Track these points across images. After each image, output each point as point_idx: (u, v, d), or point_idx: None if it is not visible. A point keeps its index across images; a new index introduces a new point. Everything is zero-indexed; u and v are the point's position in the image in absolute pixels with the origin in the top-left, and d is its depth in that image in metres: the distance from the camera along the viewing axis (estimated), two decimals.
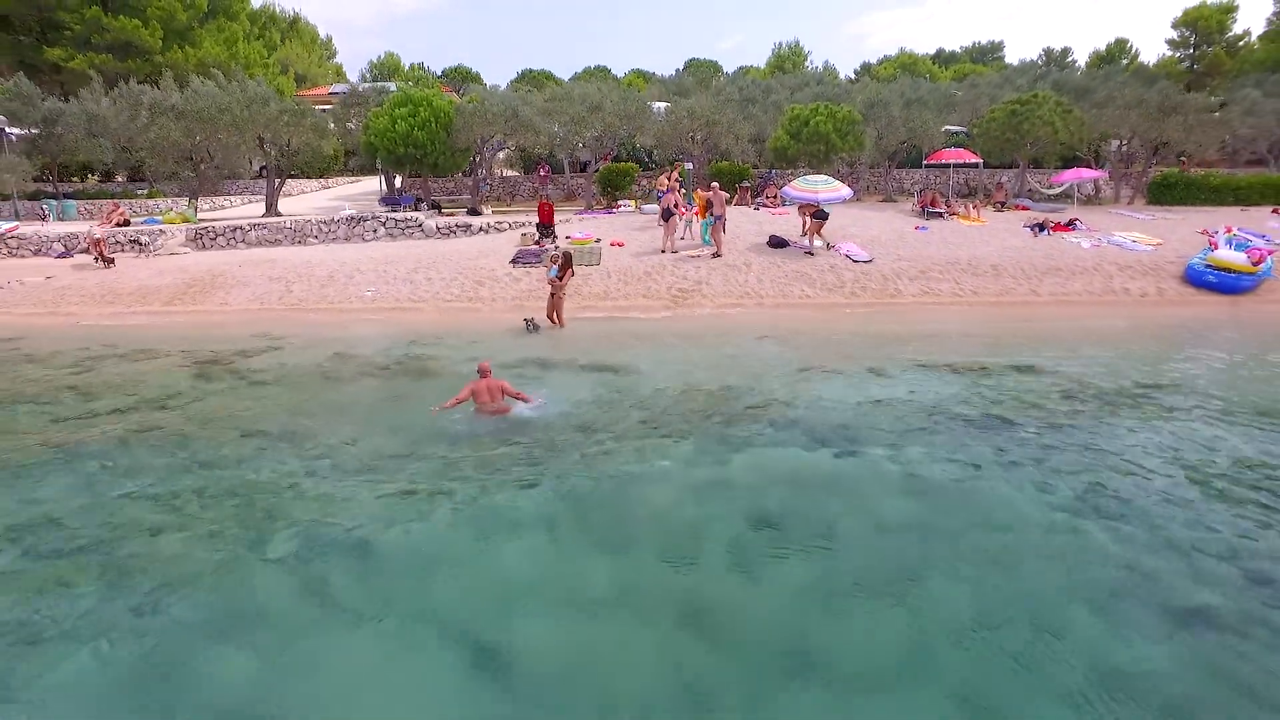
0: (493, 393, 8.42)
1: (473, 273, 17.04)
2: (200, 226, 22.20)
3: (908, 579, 5.38)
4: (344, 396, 10.08)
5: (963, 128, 29.19)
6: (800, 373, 10.70)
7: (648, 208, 23.53)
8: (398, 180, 29.81)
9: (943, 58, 56.02)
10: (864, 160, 27.88)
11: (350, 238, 21.78)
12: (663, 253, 17.85)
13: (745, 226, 19.59)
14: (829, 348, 12.34)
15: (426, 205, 26.65)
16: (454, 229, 21.93)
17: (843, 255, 17.54)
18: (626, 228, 20.59)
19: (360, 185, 37.37)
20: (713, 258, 17.40)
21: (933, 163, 27.04)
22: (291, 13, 52.04)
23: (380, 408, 9.63)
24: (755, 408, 9.08)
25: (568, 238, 18.83)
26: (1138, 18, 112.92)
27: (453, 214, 24.96)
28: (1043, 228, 19.71)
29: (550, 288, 13.65)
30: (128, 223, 22.42)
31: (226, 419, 9.09)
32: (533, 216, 20.47)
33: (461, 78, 46.53)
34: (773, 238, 18.42)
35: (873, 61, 53.52)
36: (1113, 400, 9.24)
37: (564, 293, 13.76)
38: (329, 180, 38.26)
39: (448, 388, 8.92)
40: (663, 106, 28.24)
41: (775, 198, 23.46)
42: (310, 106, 27.12)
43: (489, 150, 28.04)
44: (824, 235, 18.03)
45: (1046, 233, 19.48)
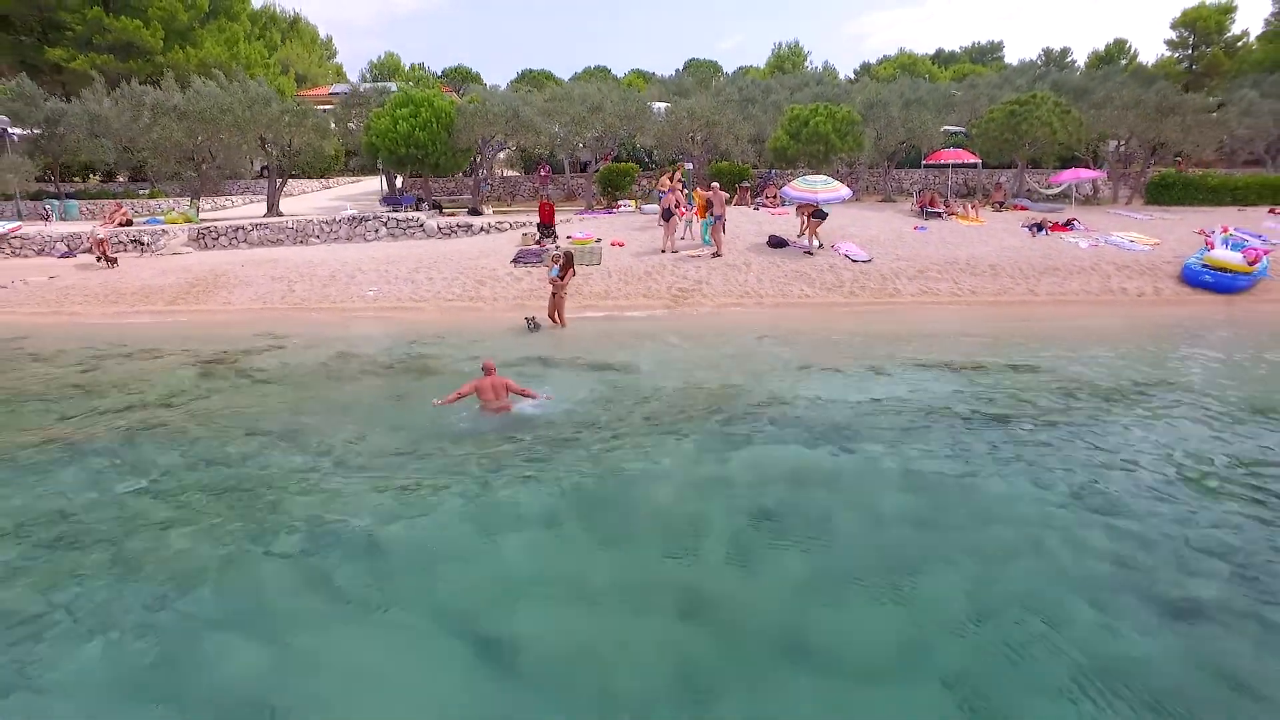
0: (497, 390, 8.49)
1: (474, 272, 17.13)
2: (202, 226, 22.30)
3: (905, 572, 5.47)
4: (347, 395, 10.17)
5: (961, 128, 29.26)
6: (799, 371, 10.81)
7: (648, 208, 23.59)
8: (399, 180, 29.90)
9: (942, 58, 56.04)
10: (863, 160, 27.93)
11: (352, 238, 21.88)
12: (663, 252, 17.95)
13: (745, 226, 19.67)
14: (828, 346, 12.45)
15: (428, 205, 26.73)
16: (455, 229, 22.02)
17: (842, 255, 17.63)
18: (627, 228, 20.68)
19: (361, 185, 37.45)
20: (713, 257, 17.49)
21: (931, 163, 27.14)
22: (292, 13, 52.12)
23: (383, 406, 9.72)
24: (755, 405, 9.17)
25: (569, 237, 18.90)
26: (1137, 18, 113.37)
27: (454, 214, 25.04)
28: (1041, 228, 19.79)
29: (552, 287, 13.75)
30: (130, 223, 22.51)
31: (231, 416, 9.19)
32: (533, 216, 20.53)
33: (461, 78, 46.56)
34: (772, 237, 18.51)
35: (872, 62, 53.54)
36: (1109, 398, 9.33)
37: (565, 292, 13.86)
38: (330, 180, 38.34)
39: (450, 386, 8.98)
40: (663, 107, 28.32)
41: (775, 198, 23.55)
42: (312, 107, 27.20)
43: (490, 150, 28.10)
44: (818, 234, 18.11)
45: (1044, 232, 19.56)
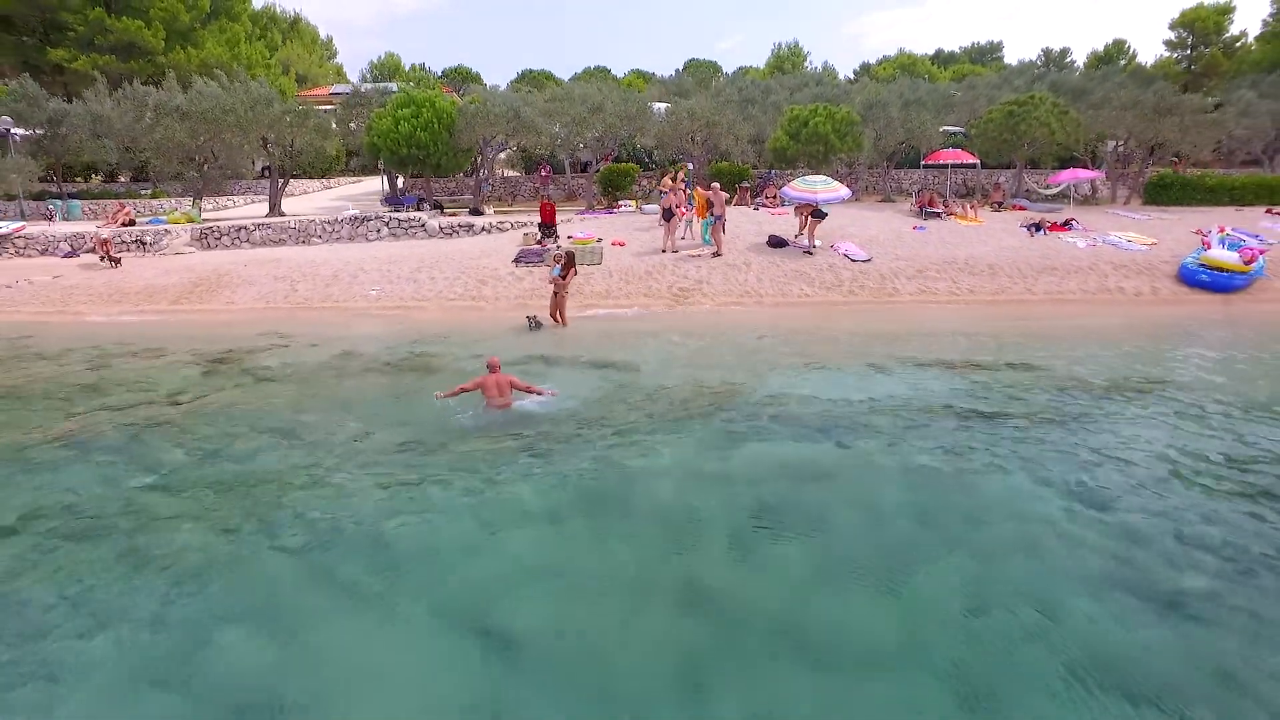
0: (501, 388, 8.58)
1: (475, 272, 17.23)
2: (205, 226, 22.41)
3: (903, 567, 5.56)
4: (352, 392, 10.27)
5: (960, 128, 29.35)
6: (799, 369, 10.91)
7: (648, 208, 23.70)
8: (400, 181, 30.00)
9: (942, 58, 56.18)
10: (862, 161, 28.03)
11: (354, 237, 21.98)
12: (663, 252, 18.05)
13: (745, 226, 19.77)
14: (827, 345, 12.55)
15: (429, 205, 26.83)
16: (456, 229, 22.12)
17: (841, 255, 17.73)
18: (627, 227, 20.78)
19: (362, 185, 37.56)
20: (713, 257, 17.59)
21: (931, 163, 27.22)
22: (292, 13, 52.32)
23: (387, 403, 9.81)
24: (755, 403, 9.27)
25: (570, 237, 18.99)
26: (1136, 18, 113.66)
27: (455, 214, 25.14)
28: (1039, 227, 19.89)
29: (553, 287, 13.85)
30: (133, 222, 22.63)
31: (237, 414, 9.28)
32: (534, 216, 20.61)
33: (462, 78, 46.69)
34: (772, 237, 18.62)
35: (872, 62, 53.66)
36: (1105, 395, 9.43)
37: (567, 291, 13.96)
38: (331, 180, 38.46)
39: (452, 384, 9.07)
40: (663, 107, 28.42)
41: (774, 198, 23.65)
42: (313, 107, 27.33)
43: (491, 151, 28.22)
44: (815, 234, 18.19)
45: (1043, 232, 19.66)
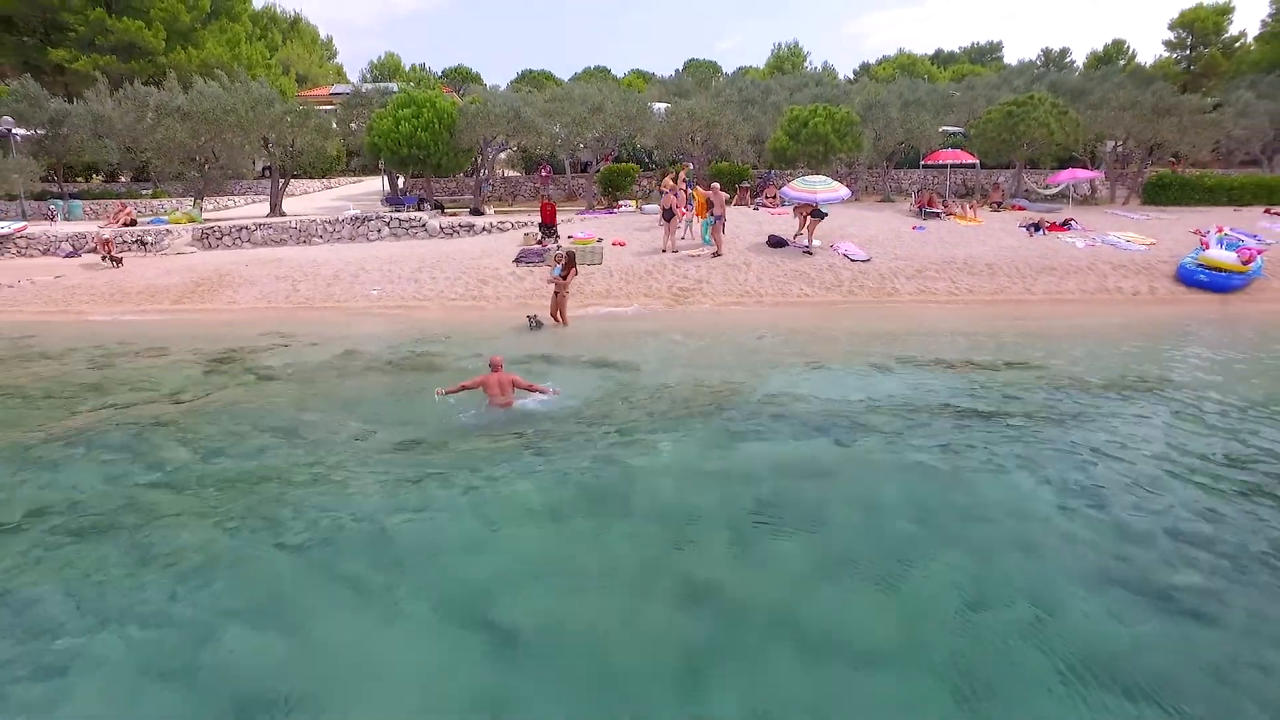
0: (504, 386, 8.63)
1: (476, 272, 17.28)
2: (206, 226, 22.45)
3: (901, 563, 5.61)
4: (353, 391, 10.31)
5: (960, 129, 29.43)
6: (799, 369, 10.96)
7: (649, 208, 23.76)
8: (400, 181, 30.06)
9: (941, 58, 56.29)
10: (862, 161, 28.11)
11: (355, 237, 22.03)
12: (664, 252, 18.10)
13: (745, 226, 19.82)
14: (827, 345, 12.61)
15: (430, 205, 26.90)
16: (457, 229, 22.18)
17: (841, 254, 17.78)
18: (628, 227, 20.83)
19: (363, 185, 37.63)
20: (713, 257, 17.65)
21: (930, 163, 27.29)
22: (292, 13, 52.40)
23: (389, 401, 9.86)
24: (755, 401, 9.32)
25: (570, 237, 19.04)
26: (1136, 19, 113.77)
27: (455, 214, 25.20)
28: (1038, 227, 19.95)
29: (554, 286, 13.90)
30: (134, 222, 22.68)
31: (239, 412, 9.32)
32: (535, 216, 20.66)
33: (462, 78, 46.77)
34: (772, 237, 18.67)
35: (871, 62, 53.79)
36: (1103, 395, 9.48)
37: (567, 291, 14.01)
38: (331, 180, 38.52)
39: (454, 382, 9.12)
40: (663, 107, 28.49)
41: (774, 198, 23.72)
42: (314, 107, 27.38)
43: (491, 151, 28.28)
44: (815, 234, 18.24)
45: (1042, 232, 19.72)
